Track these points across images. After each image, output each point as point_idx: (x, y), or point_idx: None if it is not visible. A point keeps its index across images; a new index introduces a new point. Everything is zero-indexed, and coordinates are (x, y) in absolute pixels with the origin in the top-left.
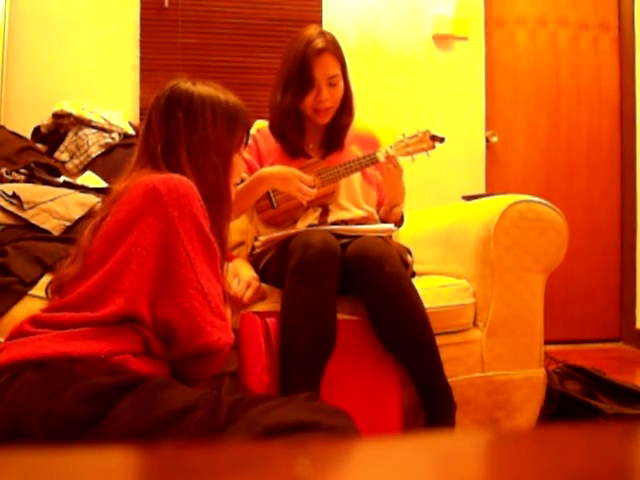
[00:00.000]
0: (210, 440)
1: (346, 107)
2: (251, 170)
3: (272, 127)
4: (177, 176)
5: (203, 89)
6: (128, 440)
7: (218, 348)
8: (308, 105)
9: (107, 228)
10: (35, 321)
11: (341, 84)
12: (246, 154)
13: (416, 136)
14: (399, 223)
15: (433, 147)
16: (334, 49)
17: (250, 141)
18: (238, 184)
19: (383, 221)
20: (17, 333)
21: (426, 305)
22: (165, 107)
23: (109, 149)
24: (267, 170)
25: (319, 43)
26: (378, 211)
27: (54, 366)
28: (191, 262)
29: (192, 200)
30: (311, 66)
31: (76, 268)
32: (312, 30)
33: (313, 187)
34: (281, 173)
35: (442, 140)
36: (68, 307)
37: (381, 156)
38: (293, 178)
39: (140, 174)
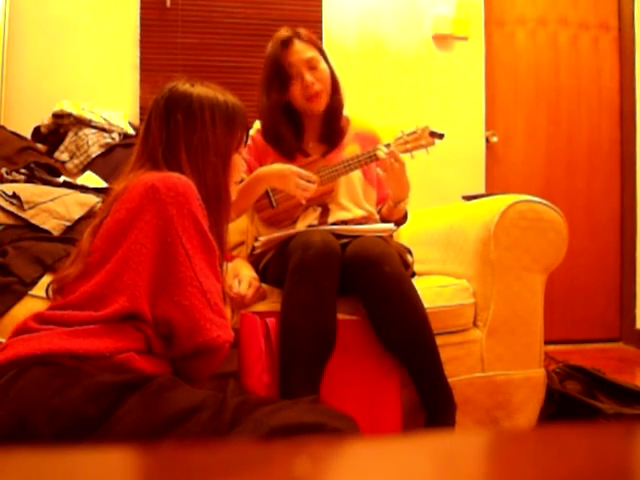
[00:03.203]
0: (214, 441)
1: (334, 91)
2: (251, 170)
3: (265, 133)
4: (176, 175)
5: (202, 90)
6: (133, 440)
7: (218, 345)
8: (298, 97)
9: (107, 227)
10: (40, 318)
11: (323, 65)
12: (245, 154)
13: (415, 132)
14: (403, 220)
15: (432, 143)
16: (302, 36)
17: (249, 142)
18: (238, 184)
19: (385, 219)
20: (21, 330)
21: (426, 305)
22: (164, 109)
23: (109, 149)
24: (265, 169)
25: (283, 33)
26: (380, 209)
27: (60, 362)
28: (190, 260)
29: (191, 198)
30: (283, 57)
31: (77, 269)
32: (280, 30)
33: (312, 182)
34: (279, 170)
35: (441, 136)
36: (71, 307)
37: (382, 153)
38: (291, 175)
39: (138, 174)
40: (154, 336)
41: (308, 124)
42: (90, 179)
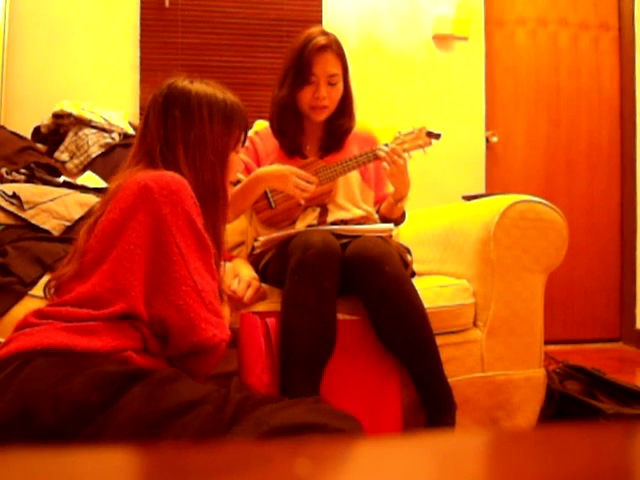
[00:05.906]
0: (215, 437)
1: (346, 111)
2: (249, 172)
3: (271, 123)
4: (170, 173)
5: (200, 87)
6: (135, 429)
7: (213, 345)
8: (305, 101)
9: (102, 227)
10: (39, 314)
11: (340, 85)
12: (244, 156)
13: (412, 133)
14: (401, 219)
15: (429, 143)
16: (336, 49)
17: (248, 143)
18: (235, 184)
19: (384, 217)
20: (22, 325)
21: (426, 305)
22: (163, 105)
23: (109, 149)
24: (263, 169)
25: (321, 40)
26: (378, 208)
27: (62, 353)
28: (184, 259)
29: (184, 197)
30: (310, 61)
31: (73, 268)
32: (315, 28)
33: (311, 182)
34: (277, 171)
35: (438, 136)
36: (69, 305)
37: (382, 153)
38: (290, 175)
39: (134, 171)
40: (150, 335)
41: (309, 128)
42: (90, 179)
